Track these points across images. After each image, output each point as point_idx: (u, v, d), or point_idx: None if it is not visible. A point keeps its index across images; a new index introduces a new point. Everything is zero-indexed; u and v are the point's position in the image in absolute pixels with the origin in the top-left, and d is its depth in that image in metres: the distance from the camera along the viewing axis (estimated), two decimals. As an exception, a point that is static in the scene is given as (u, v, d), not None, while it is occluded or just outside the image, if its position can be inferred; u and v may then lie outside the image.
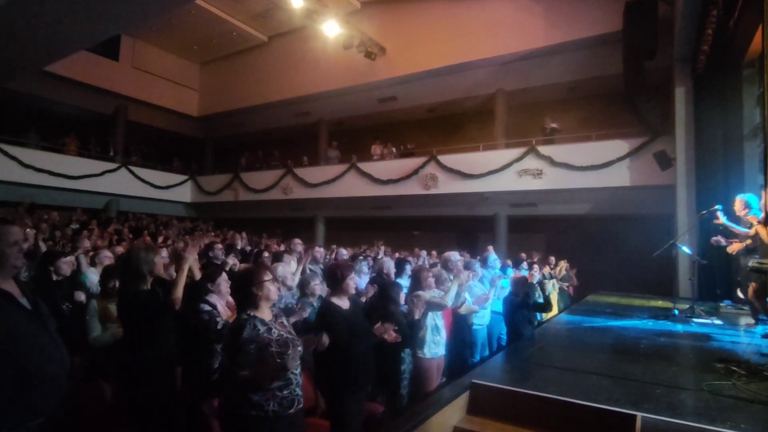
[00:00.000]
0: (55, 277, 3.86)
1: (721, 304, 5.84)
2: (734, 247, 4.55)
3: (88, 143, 15.13)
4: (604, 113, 11.69)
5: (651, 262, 5.90)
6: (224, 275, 3.21)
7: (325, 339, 2.60)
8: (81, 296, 3.85)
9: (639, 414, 2.14)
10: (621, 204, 10.29)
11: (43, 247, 5.51)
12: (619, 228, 10.85)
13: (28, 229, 5.77)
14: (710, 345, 3.79)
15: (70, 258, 4.15)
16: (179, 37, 15.32)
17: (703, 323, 4.76)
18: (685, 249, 5.89)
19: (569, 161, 10.07)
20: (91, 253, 5.34)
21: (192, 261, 3.09)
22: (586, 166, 9.80)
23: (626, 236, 10.42)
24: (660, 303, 6.40)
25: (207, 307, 2.91)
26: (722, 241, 4.84)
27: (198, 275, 3.30)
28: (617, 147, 9.66)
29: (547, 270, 7.25)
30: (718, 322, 4.82)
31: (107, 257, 4.68)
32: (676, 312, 5.20)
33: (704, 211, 5.49)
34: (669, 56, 8.37)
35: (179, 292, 2.64)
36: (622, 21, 8.46)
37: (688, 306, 5.33)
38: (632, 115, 9.11)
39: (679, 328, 4.57)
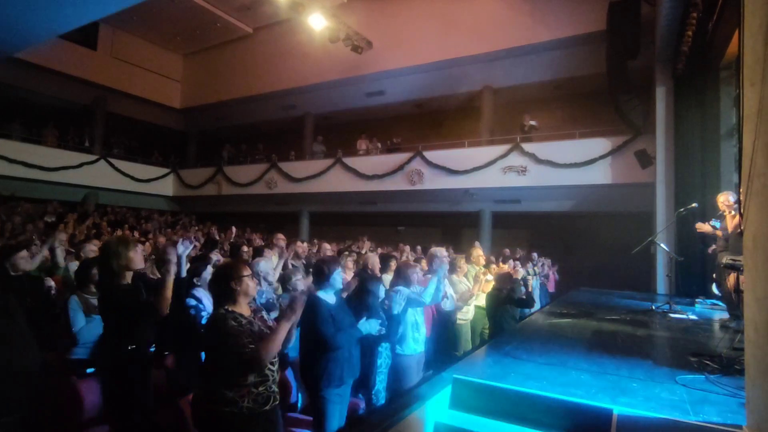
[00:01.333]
0: (12, 273, 3.70)
1: (697, 300, 5.99)
2: (702, 226, 4.73)
3: (66, 134, 14.73)
4: (588, 111, 11.85)
5: (630, 258, 6.01)
6: (209, 269, 3.18)
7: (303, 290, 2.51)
8: (50, 282, 3.72)
9: (615, 408, 2.18)
10: (602, 201, 10.47)
11: None
12: (600, 225, 11.04)
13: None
14: (685, 339, 3.88)
15: (26, 253, 3.95)
16: (161, 27, 14.98)
17: (680, 318, 4.87)
18: (663, 246, 6.02)
19: (553, 158, 10.18)
20: (63, 246, 5.20)
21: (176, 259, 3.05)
22: (569, 164, 9.92)
23: (607, 233, 10.61)
24: (638, 298, 6.52)
25: (193, 302, 2.88)
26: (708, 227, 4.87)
27: (184, 272, 3.25)
28: (600, 145, 9.80)
29: (528, 266, 7.33)
30: (693, 317, 4.93)
31: (92, 251, 4.55)
32: (654, 307, 5.32)
33: (682, 209, 5.62)
34: (651, 56, 8.51)
35: (167, 293, 2.56)
36: (606, 20, 8.57)
37: (665, 302, 5.45)
38: (615, 113, 9.25)
39: (657, 323, 4.67)
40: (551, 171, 10.24)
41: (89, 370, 3.02)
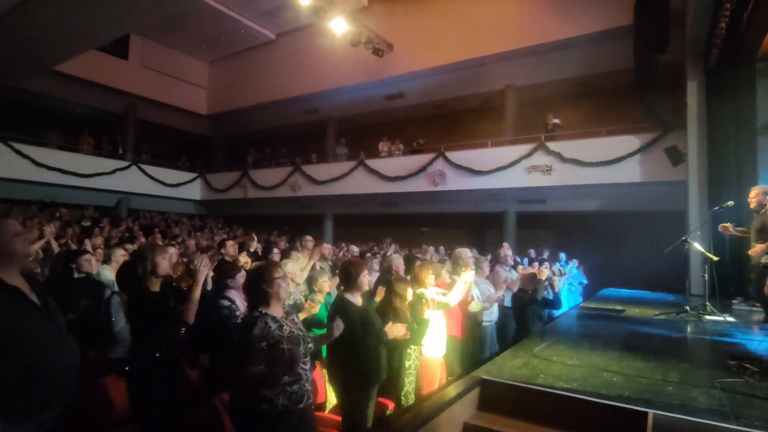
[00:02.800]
0: (76, 275, 3.92)
1: (734, 302, 5.76)
2: (756, 249, 4.48)
3: (100, 142, 15.32)
4: (615, 108, 11.57)
5: (662, 259, 5.83)
6: (243, 271, 3.27)
7: (339, 324, 2.56)
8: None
9: (651, 411, 2.12)
10: (631, 200, 10.19)
11: (55, 246, 5.57)
12: (629, 224, 10.76)
13: (46, 227, 5.84)
14: (723, 342, 3.75)
15: (91, 256, 4.22)
16: (188, 36, 15.41)
17: (716, 320, 4.70)
18: (697, 245, 5.82)
19: (579, 157, 9.99)
20: (99, 250, 5.42)
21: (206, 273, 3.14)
22: (596, 162, 9.72)
23: (637, 233, 10.34)
24: (671, 300, 6.33)
25: (226, 303, 2.96)
26: (730, 228, 4.76)
27: (210, 285, 3.34)
28: (628, 142, 9.56)
29: (557, 268, 7.21)
30: (730, 319, 4.76)
31: (122, 254, 4.73)
32: (688, 309, 5.15)
33: (717, 207, 5.43)
34: (681, 50, 8.25)
35: (194, 304, 2.61)
36: (632, 15, 8.35)
37: (700, 303, 5.27)
38: (643, 110, 9.00)
39: (691, 325, 4.53)
40: (577, 170, 10.05)
41: (127, 369, 3.13)
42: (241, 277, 3.23)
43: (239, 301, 3.09)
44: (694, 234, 5.98)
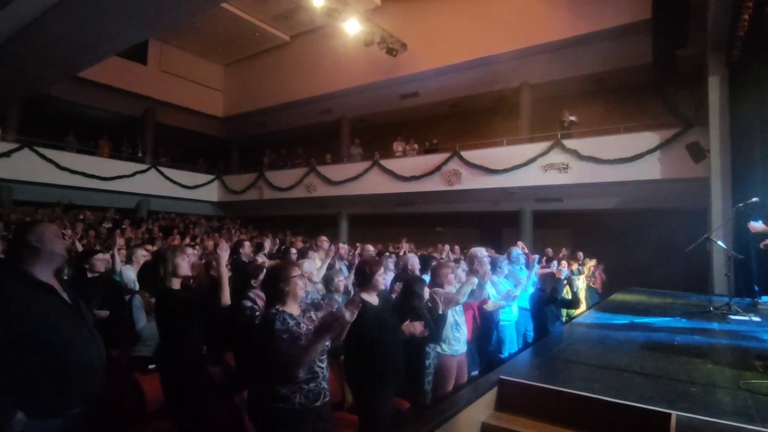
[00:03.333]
0: (90, 275, 4.03)
1: (760, 301, 5.61)
2: None
3: (120, 145, 15.67)
4: (633, 105, 11.37)
5: (684, 257, 5.72)
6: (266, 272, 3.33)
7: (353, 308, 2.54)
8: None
9: (674, 413, 2.09)
10: (651, 198, 10.01)
11: (79, 247, 5.74)
12: (649, 222, 10.56)
13: (67, 230, 6.01)
14: (748, 342, 3.66)
15: (104, 255, 4.32)
16: (204, 40, 15.64)
17: (741, 320, 4.59)
18: (721, 243, 5.68)
19: (596, 155, 9.84)
20: (122, 251, 5.54)
21: (213, 258, 3.24)
22: (614, 159, 9.56)
23: (657, 231, 10.14)
24: (694, 300, 6.19)
25: (249, 303, 3.02)
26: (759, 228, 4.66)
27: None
28: (647, 139, 9.38)
29: (575, 266, 7.12)
30: (756, 319, 4.63)
31: (143, 255, 4.84)
32: (712, 309, 5.04)
33: (741, 204, 5.29)
34: (701, 44, 8.06)
35: (225, 291, 2.70)
36: (650, 9, 8.19)
37: (723, 303, 5.15)
38: (663, 106, 8.81)
39: (715, 325, 4.42)
40: (595, 167, 9.89)
41: (150, 367, 3.21)
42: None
43: (261, 302, 3.14)
44: (717, 231, 5.85)
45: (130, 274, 4.53)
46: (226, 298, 2.70)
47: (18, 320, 1.80)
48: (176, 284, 2.77)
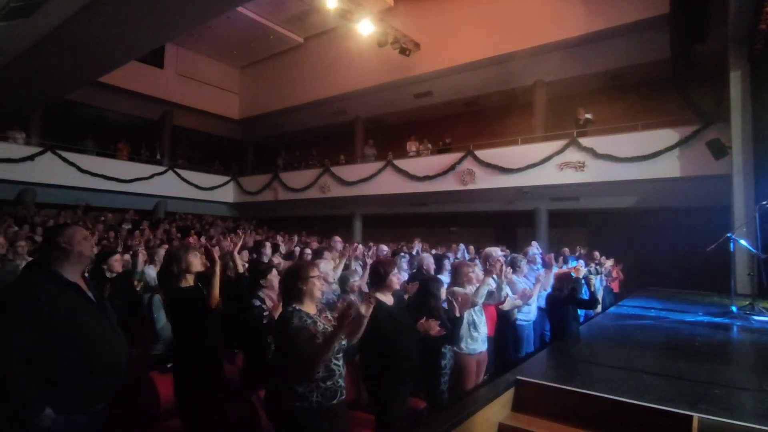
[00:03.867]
0: (108, 275, 4.11)
1: (785, 301, 5.46)
2: None
3: (138, 148, 15.97)
4: (651, 101, 11.16)
5: (704, 256, 5.59)
6: (275, 271, 3.36)
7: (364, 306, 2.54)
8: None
9: (696, 415, 2.05)
10: (671, 196, 9.80)
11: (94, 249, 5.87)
12: (668, 221, 10.36)
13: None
14: (773, 344, 3.57)
15: (120, 256, 4.40)
16: (219, 43, 15.84)
17: (764, 321, 4.48)
18: (743, 242, 5.55)
19: (613, 152, 9.68)
20: (142, 251, 5.65)
21: (229, 258, 3.27)
22: (632, 157, 9.39)
23: (677, 230, 9.93)
24: (715, 300, 6.06)
25: (257, 302, 3.05)
26: None
27: (240, 268, 3.46)
28: (666, 136, 9.20)
29: (593, 266, 7.02)
30: (781, 319, 4.52)
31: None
32: (735, 309, 4.92)
33: (765, 202, 5.16)
34: (722, 38, 7.87)
35: (215, 291, 2.72)
36: (668, 3, 8.03)
37: (747, 302, 5.03)
38: (681, 102, 8.63)
39: (738, 325, 4.32)
40: (612, 166, 9.74)
41: (169, 366, 3.26)
42: (273, 277, 3.31)
43: (269, 301, 3.17)
44: (740, 230, 5.71)
45: (152, 273, 4.62)
46: (213, 301, 2.72)
47: (48, 318, 1.87)
48: (190, 281, 2.81)
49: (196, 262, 2.85)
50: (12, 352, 1.80)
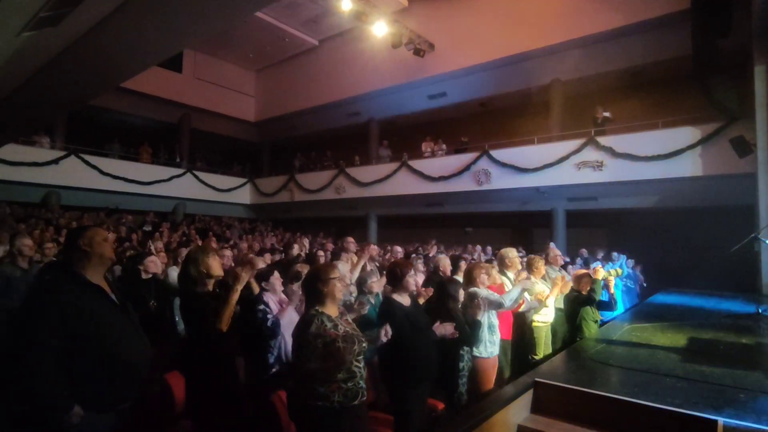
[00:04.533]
0: (144, 276, 4.22)
1: (814, 303, 5.31)
2: None
3: (157, 151, 16.31)
4: (671, 99, 10.92)
5: (729, 257, 5.46)
6: (276, 274, 3.36)
7: (387, 330, 2.64)
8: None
9: (721, 419, 2.02)
10: (692, 195, 9.57)
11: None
12: (689, 221, 10.12)
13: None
14: (801, 347, 3.48)
15: (155, 258, 4.50)
16: (236, 47, 16.09)
17: (792, 323, 4.35)
18: (769, 243, 5.41)
19: (632, 151, 9.51)
20: (161, 254, 5.77)
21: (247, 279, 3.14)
22: (652, 156, 9.22)
23: (698, 229, 9.70)
24: (740, 301, 5.91)
25: (261, 306, 3.05)
26: None
27: (256, 290, 3.36)
28: (687, 134, 9.00)
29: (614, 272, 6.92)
30: (810, 322, 4.39)
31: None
32: (761, 311, 4.80)
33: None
34: (746, 33, 7.68)
35: (227, 311, 2.46)
36: (689, -2, 7.86)
37: (773, 305, 4.90)
38: (703, 99, 8.43)
39: (764, 328, 4.21)
40: (631, 165, 9.57)
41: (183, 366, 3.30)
42: (275, 279, 3.32)
43: (272, 304, 3.18)
44: (765, 230, 5.57)
45: (175, 274, 4.70)
46: (223, 324, 2.46)
47: (73, 319, 1.92)
48: (209, 285, 2.66)
49: (216, 265, 2.68)
50: (41, 351, 1.85)
